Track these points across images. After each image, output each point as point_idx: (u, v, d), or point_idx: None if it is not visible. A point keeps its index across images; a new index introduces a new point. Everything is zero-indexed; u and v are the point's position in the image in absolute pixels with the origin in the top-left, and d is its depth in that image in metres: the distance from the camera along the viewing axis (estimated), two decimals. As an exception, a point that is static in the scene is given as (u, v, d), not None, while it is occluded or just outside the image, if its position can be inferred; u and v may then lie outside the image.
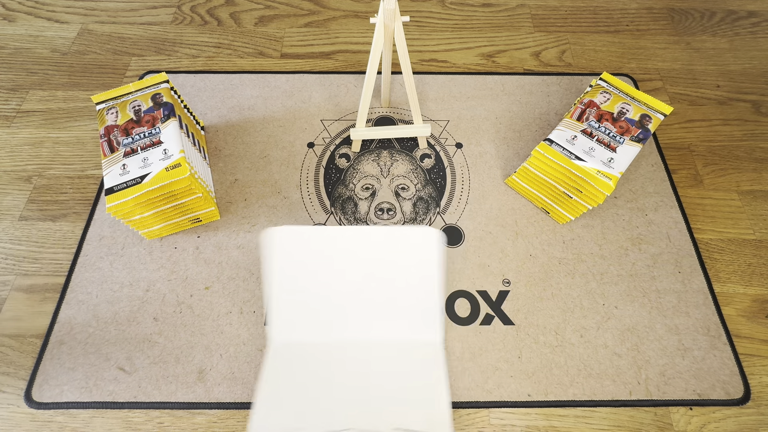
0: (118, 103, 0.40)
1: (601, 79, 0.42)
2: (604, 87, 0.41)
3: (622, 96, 0.41)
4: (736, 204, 0.45)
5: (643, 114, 0.39)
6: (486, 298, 0.40)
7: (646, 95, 0.41)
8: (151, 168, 0.36)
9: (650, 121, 0.39)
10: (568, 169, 0.37)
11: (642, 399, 0.36)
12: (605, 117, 0.39)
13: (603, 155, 0.37)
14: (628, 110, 0.39)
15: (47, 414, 0.35)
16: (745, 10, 0.60)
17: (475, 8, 0.60)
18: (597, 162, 0.37)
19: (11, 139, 0.48)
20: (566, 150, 0.38)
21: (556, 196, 0.41)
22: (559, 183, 0.39)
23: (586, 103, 0.40)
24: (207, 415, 0.35)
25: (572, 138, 0.38)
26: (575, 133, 0.38)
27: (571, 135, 0.38)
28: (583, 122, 0.39)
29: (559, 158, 0.37)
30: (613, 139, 0.38)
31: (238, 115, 0.50)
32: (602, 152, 0.37)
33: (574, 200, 0.39)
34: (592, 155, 0.37)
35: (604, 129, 0.39)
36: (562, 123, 0.39)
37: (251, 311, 0.39)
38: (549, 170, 0.39)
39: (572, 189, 0.39)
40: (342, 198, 0.45)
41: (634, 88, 0.41)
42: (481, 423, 0.35)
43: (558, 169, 0.38)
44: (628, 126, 0.39)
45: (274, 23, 0.58)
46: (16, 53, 0.54)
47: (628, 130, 0.38)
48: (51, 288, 0.40)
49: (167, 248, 0.42)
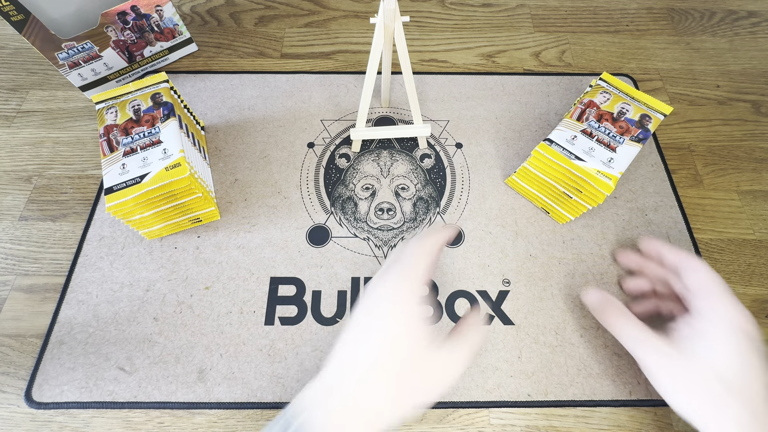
0: (117, 102, 0.40)
1: (601, 79, 0.42)
2: (604, 87, 0.41)
3: (622, 96, 0.41)
4: (735, 204, 0.45)
5: (643, 114, 0.39)
6: (486, 298, 0.40)
7: (646, 95, 0.41)
8: (150, 168, 0.36)
9: (650, 121, 0.39)
10: (568, 169, 0.37)
11: (642, 399, 0.36)
12: (605, 117, 0.39)
13: (603, 155, 0.37)
14: (628, 110, 0.39)
15: (47, 414, 0.35)
16: (745, 10, 0.60)
17: (475, 8, 0.60)
18: (597, 162, 0.37)
19: (11, 139, 0.48)
20: (566, 150, 0.37)
21: (556, 196, 0.41)
22: (559, 183, 0.39)
23: (586, 103, 0.40)
24: (207, 415, 0.35)
25: (572, 138, 0.38)
26: (575, 133, 0.38)
27: (571, 135, 0.38)
28: (583, 122, 0.39)
29: (559, 158, 0.37)
30: (613, 139, 0.38)
31: (238, 115, 0.50)
32: (602, 152, 0.37)
33: (574, 200, 0.39)
34: (592, 155, 0.37)
35: (604, 129, 0.39)
36: (562, 123, 0.39)
37: (251, 311, 0.39)
38: (549, 170, 0.39)
39: (572, 189, 0.39)
40: (342, 198, 0.45)
41: (634, 88, 0.41)
42: (481, 423, 0.35)
43: (558, 169, 0.38)
44: (628, 126, 0.39)
45: (274, 23, 0.58)
46: (16, 53, 0.54)
47: (628, 130, 0.38)
48: (51, 288, 0.40)
49: (167, 248, 0.42)
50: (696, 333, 0.30)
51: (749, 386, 0.28)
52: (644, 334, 0.31)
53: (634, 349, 0.32)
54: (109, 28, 0.46)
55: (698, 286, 0.32)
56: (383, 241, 0.42)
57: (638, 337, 0.32)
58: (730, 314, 0.29)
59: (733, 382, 0.28)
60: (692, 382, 0.29)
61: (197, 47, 0.55)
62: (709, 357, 0.29)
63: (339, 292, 0.40)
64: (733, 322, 0.29)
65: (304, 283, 0.40)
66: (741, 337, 0.29)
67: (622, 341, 0.33)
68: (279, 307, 0.39)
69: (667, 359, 0.30)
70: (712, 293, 0.31)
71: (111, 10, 0.45)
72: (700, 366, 0.29)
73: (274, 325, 0.38)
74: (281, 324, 0.39)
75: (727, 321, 0.29)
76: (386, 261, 0.30)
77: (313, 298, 0.40)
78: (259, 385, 0.36)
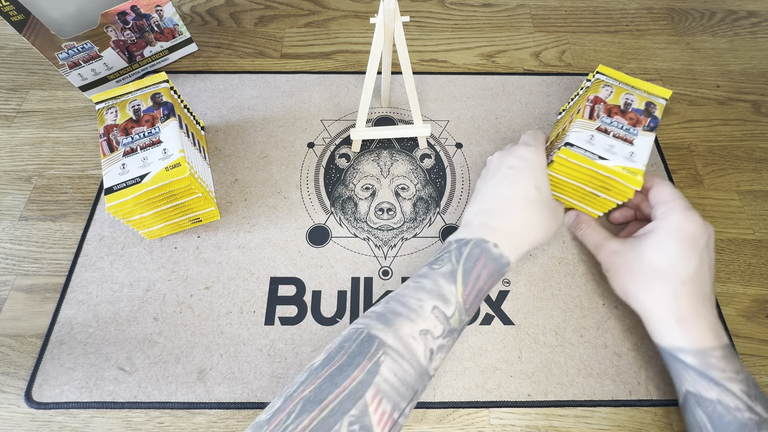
0: (117, 102, 0.40)
1: (598, 72, 0.42)
2: (604, 80, 0.41)
3: (623, 87, 0.40)
4: (735, 204, 0.45)
5: (647, 102, 0.39)
6: (486, 298, 0.40)
7: (644, 82, 0.40)
8: (150, 167, 0.36)
9: (655, 108, 0.39)
10: (593, 170, 0.37)
11: (642, 399, 0.36)
12: (614, 111, 0.39)
13: (623, 150, 0.37)
14: (633, 101, 0.39)
15: (47, 414, 0.35)
16: (745, 10, 0.60)
17: (475, 8, 0.60)
18: (620, 158, 0.37)
19: (11, 139, 0.48)
20: (588, 151, 0.37)
21: (582, 196, 0.40)
22: (586, 184, 0.39)
23: (593, 99, 0.40)
24: (207, 415, 0.35)
25: (590, 138, 0.38)
26: (591, 133, 0.38)
27: (588, 135, 0.38)
28: (596, 119, 0.39)
29: (583, 160, 0.37)
30: (627, 132, 0.38)
31: (238, 115, 0.50)
32: (622, 147, 0.37)
33: (602, 198, 0.39)
34: (613, 152, 0.37)
35: (617, 123, 0.38)
36: (576, 124, 0.39)
37: (251, 311, 0.39)
38: (574, 173, 0.38)
39: (600, 188, 0.38)
40: (342, 198, 0.45)
41: (631, 77, 0.41)
42: (481, 423, 0.35)
43: (583, 171, 0.38)
44: (637, 117, 0.39)
45: (274, 23, 0.58)
46: (16, 53, 0.54)
47: (639, 121, 0.38)
48: (51, 288, 0.40)
49: (167, 248, 0.42)
50: (645, 233, 0.35)
51: (675, 273, 0.32)
52: (603, 239, 0.38)
53: (595, 251, 0.39)
54: (109, 28, 0.46)
55: (658, 200, 0.36)
56: (383, 241, 0.42)
57: (598, 242, 0.38)
58: (675, 217, 0.34)
59: (661, 269, 0.33)
60: (629, 270, 0.35)
61: (197, 47, 0.55)
62: (647, 250, 0.34)
63: (339, 292, 0.40)
64: (676, 224, 0.34)
65: (304, 283, 0.40)
66: (678, 234, 0.33)
67: (588, 248, 0.40)
68: (279, 307, 0.39)
69: (617, 255, 0.36)
70: (666, 203, 0.35)
71: (111, 10, 0.45)
72: (638, 256, 0.34)
73: (274, 325, 0.38)
74: (281, 324, 0.39)
75: (670, 223, 0.34)
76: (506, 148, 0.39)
77: (313, 298, 0.40)
78: (259, 385, 0.36)
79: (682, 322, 0.32)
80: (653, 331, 0.34)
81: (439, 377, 0.36)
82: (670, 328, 0.32)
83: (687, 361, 0.31)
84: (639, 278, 0.34)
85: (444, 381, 0.36)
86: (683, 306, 0.32)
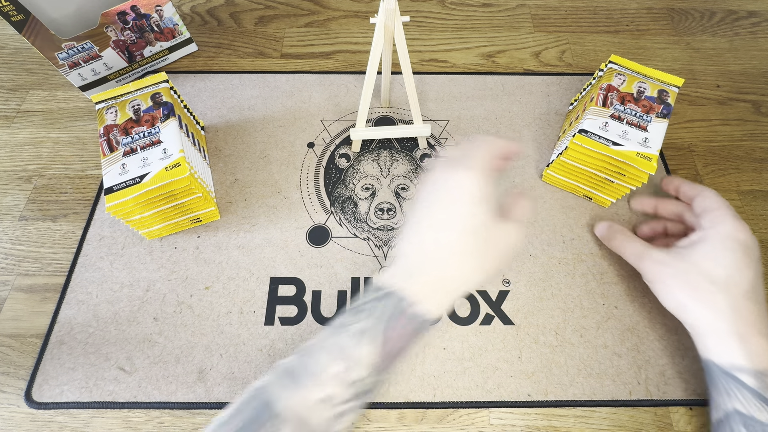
0: (117, 102, 0.40)
1: (611, 62, 0.43)
2: (616, 69, 0.42)
3: (636, 75, 0.41)
4: (736, 204, 0.45)
5: (660, 90, 0.40)
6: (486, 298, 0.40)
7: (656, 71, 0.41)
8: (150, 167, 0.36)
9: (668, 96, 0.40)
10: (608, 156, 0.38)
11: (642, 399, 0.36)
12: (627, 99, 0.40)
13: (637, 136, 0.38)
14: (646, 89, 0.40)
15: (47, 414, 0.35)
16: (745, 10, 0.60)
17: (475, 8, 0.60)
18: (634, 144, 0.37)
19: (11, 139, 0.48)
20: (602, 138, 0.38)
21: (596, 182, 0.41)
22: (600, 170, 0.39)
23: (606, 88, 0.41)
24: (207, 415, 0.35)
25: (604, 125, 0.39)
26: (605, 119, 0.39)
27: (602, 122, 0.39)
28: (609, 107, 0.39)
29: (597, 146, 0.38)
30: (641, 119, 0.39)
31: (238, 115, 0.50)
32: (636, 133, 0.38)
33: (616, 184, 0.40)
34: (627, 138, 0.38)
35: (630, 110, 0.39)
36: (590, 111, 0.40)
37: (251, 311, 0.39)
38: (588, 159, 0.39)
39: (614, 174, 0.39)
40: (342, 198, 0.45)
41: (643, 66, 0.42)
42: (481, 423, 0.35)
43: (597, 157, 0.38)
44: (650, 104, 0.39)
45: (274, 23, 0.58)
46: (16, 53, 0.54)
47: (652, 108, 0.39)
48: (51, 288, 0.40)
49: (167, 248, 0.42)
50: (692, 243, 0.33)
51: (735, 285, 0.30)
52: (645, 248, 0.35)
53: (636, 262, 0.36)
54: (109, 28, 0.46)
55: (703, 208, 0.35)
56: (383, 241, 0.42)
57: (639, 252, 0.36)
58: (726, 225, 0.32)
59: (720, 281, 0.31)
60: (682, 281, 0.32)
61: (197, 47, 0.55)
62: (700, 259, 0.32)
63: (339, 292, 0.40)
64: (728, 232, 0.32)
65: (304, 283, 0.40)
66: (732, 244, 0.31)
67: (627, 258, 0.37)
68: (279, 307, 0.39)
69: (663, 266, 0.33)
70: (713, 211, 0.34)
71: (111, 10, 0.45)
72: (690, 267, 0.32)
73: (274, 325, 0.38)
74: (281, 324, 0.39)
75: (722, 231, 0.32)
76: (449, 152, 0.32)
77: (313, 298, 0.40)
78: (259, 385, 0.36)
79: (744, 339, 0.29)
80: (707, 347, 0.31)
81: (439, 377, 0.36)
82: (729, 344, 0.30)
83: (745, 381, 0.29)
84: (694, 290, 0.31)
85: (444, 381, 0.36)
86: (745, 321, 0.30)
